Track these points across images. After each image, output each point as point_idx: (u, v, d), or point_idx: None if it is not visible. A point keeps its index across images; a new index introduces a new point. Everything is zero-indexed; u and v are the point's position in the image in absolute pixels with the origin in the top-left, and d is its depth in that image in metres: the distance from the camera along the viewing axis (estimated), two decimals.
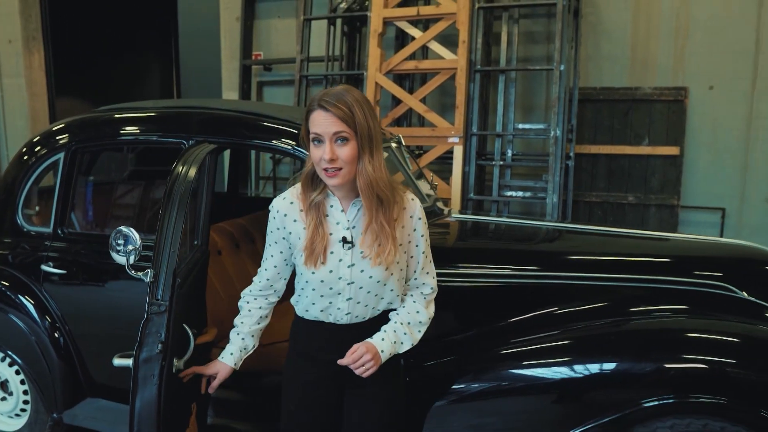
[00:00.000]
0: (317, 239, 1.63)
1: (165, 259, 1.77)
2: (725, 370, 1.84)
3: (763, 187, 4.84)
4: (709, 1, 4.79)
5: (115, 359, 1.86)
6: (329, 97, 1.56)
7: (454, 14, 4.50)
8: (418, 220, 1.75)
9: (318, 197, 1.65)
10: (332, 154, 1.55)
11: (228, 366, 1.86)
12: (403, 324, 1.76)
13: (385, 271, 1.66)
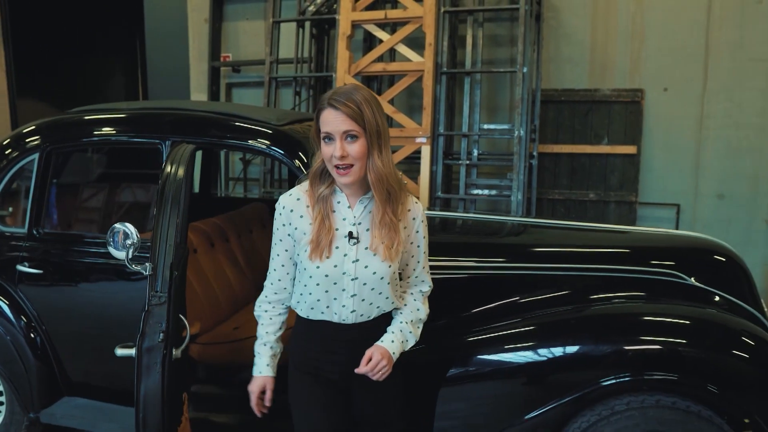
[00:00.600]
0: (323, 232, 1.66)
1: (162, 254, 1.87)
2: (677, 350, 1.99)
3: (714, 184, 5.10)
4: (662, 6, 5.03)
5: (118, 349, 1.94)
6: (339, 96, 1.60)
7: (420, 18, 4.62)
8: (421, 222, 1.81)
9: (325, 191, 1.68)
10: (343, 151, 1.59)
11: (270, 376, 1.84)
12: (407, 323, 1.81)
13: (388, 268, 1.70)
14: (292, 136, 2.42)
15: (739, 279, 2.44)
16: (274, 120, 2.48)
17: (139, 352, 1.85)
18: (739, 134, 5.01)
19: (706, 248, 2.53)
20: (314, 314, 1.76)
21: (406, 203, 1.74)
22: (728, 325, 2.11)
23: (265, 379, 1.83)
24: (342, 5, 4.74)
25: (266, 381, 1.83)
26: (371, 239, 1.69)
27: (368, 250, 1.69)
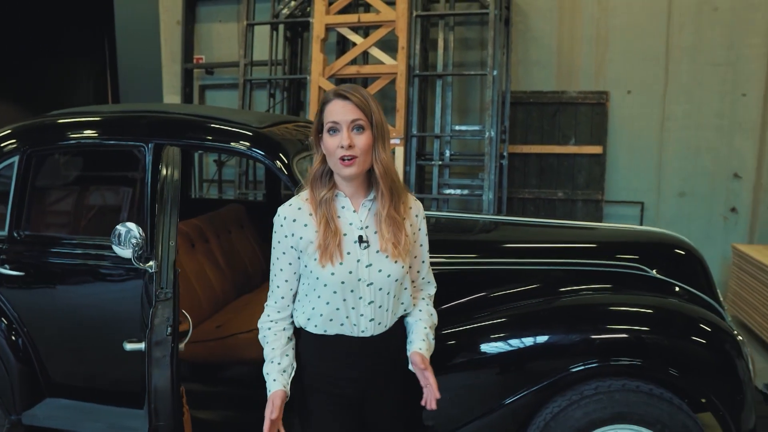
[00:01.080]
0: (329, 235, 1.62)
1: (165, 252, 1.93)
2: (641, 337, 2.12)
3: (675, 183, 5.33)
4: (625, 12, 5.23)
5: (127, 344, 1.99)
6: (346, 88, 1.60)
7: (393, 21, 4.73)
8: (423, 219, 1.80)
9: (327, 194, 1.65)
10: (350, 141, 1.56)
11: (280, 391, 1.66)
12: (431, 329, 1.80)
13: (401, 269, 1.67)
14: (272, 138, 2.49)
15: (697, 271, 2.59)
16: (255, 122, 2.54)
17: (149, 346, 1.91)
18: (698, 135, 5.24)
19: (668, 243, 2.68)
20: (332, 328, 1.68)
21: (407, 201, 1.73)
22: (688, 313, 2.26)
23: (274, 396, 1.65)
24: (316, 9, 4.81)
25: (274, 397, 1.65)
26: (380, 240, 1.65)
27: (379, 253, 1.65)
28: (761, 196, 5.20)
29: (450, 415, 2.24)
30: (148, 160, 2.42)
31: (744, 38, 5.04)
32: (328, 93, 1.63)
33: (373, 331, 1.68)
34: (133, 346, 1.96)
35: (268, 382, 1.69)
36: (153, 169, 2.41)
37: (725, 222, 5.27)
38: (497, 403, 2.20)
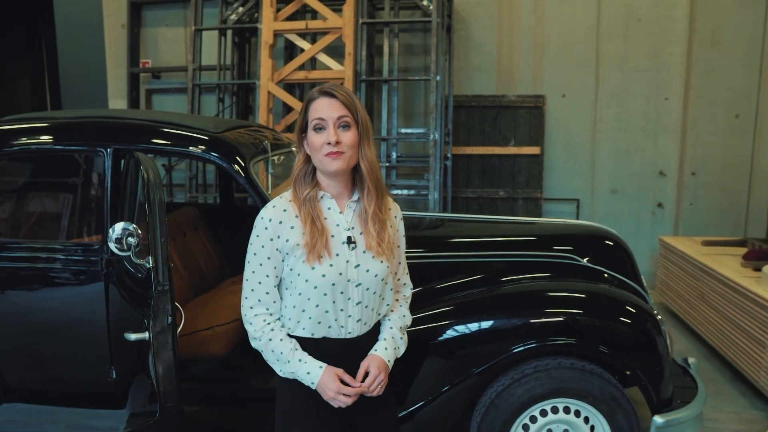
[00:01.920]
0: (316, 234, 1.59)
1: (159, 249, 2.03)
2: (575, 319, 2.35)
3: (607, 181, 5.69)
4: (559, 21, 5.56)
5: (131, 335, 2.09)
6: (330, 86, 1.60)
7: (340, 28, 4.87)
8: (401, 221, 1.80)
9: (311, 192, 1.63)
10: (337, 137, 1.55)
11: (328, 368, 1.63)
12: (397, 329, 1.76)
13: (386, 268, 1.66)
14: (229, 143, 2.59)
15: (623, 260, 2.86)
16: (212, 127, 2.64)
17: (153, 335, 2.02)
18: (627, 136, 5.62)
19: (597, 235, 2.94)
20: (319, 330, 1.65)
21: (387, 202, 1.73)
22: (616, 297, 2.50)
23: (331, 369, 1.62)
24: (264, 15, 4.91)
25: (333, 369, 1.62)
26: (366, 240, 1.64)
27: (366, 252, 1.64)
28: (684, 192, 5.63)
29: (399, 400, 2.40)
30: (107, 165, 2.49)
31: (665, 47, 5.45)
32: (313, 92, 1.62)
33: (359, 332, 1.67)
34: (138, 336, 2.06)
35: (312, 363, 1.62)
36: (113, 174, 2.49)
37: (653, 216, 5.67)
38: (447, 386, 2.38)
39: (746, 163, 5.48)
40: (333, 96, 1.58)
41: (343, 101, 1.58)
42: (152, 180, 2.12)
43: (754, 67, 5.38)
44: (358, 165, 1.63)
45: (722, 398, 3.43)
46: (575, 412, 2.37)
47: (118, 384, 2.55)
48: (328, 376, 1.60)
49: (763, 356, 3.26)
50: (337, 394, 1.59)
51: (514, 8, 5.61)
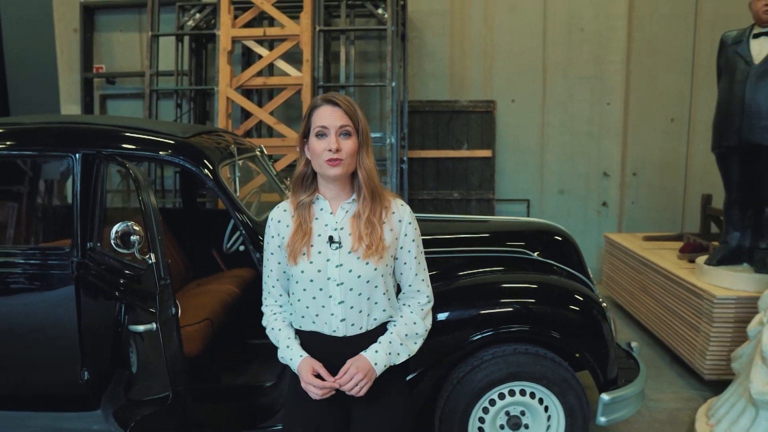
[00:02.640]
0: (298, 236, 1.69)
1: (158, 246, 2.13)
2: (528, 307, 2.53)
3: (555, 182, 5.98)
4: (508, 30, 5.83)
5: (139, 326, 2.17)
6: (334, 95, 1.68)
7: (297, 35, 4.98)
8: (408, 224, 1.77)
9: (306, 199, 1.72)
10: (338, 145, 1.62)
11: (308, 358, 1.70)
12: (398, 335, 1.74)
13: (374, 270, 1.68)
14: (197, 147, 2.67)
15: (571, 253, 3.08)
16: (180, 132, 2.72)
17: (160, 325, 2.13)
18: (573, 140, 5.93)
19: (547, 230, 3.15)
20: (305, 324, 1.73)
21: (390, 206, 1.74)
22: (565, 287, 2.71)
23: (309, 360, 1.68)
24: (222, 22, 4.97)
25: (310, 361, 1.68)
26: (353, 242, 1.68)
27: (351, 254, 1.67)
28: (626, 191, 5.97)
29: None
30: (77, 170, 2.54)
31: (606, 55, 5.79)
32: (317, 99, 1.69)
33: (345, 332, 1.69)
34: (146, 327, 2.15)
35: (295, 351, 1.70)
36: (82, 179, 2.54)
37: (598, 215, 5.99)
38: (410, 375, 2.52)
39: (681, 164, 5.87)
40: (336, 105, 1.65)
41: (345, 110, 1.65)
42: (142, 182, 2.21)
43: (686, 74, 5.78)
44: (356, 172, 1.69)
45: (663, 380, 3.70)
46: (530, 394, 2.56)
47: (91, 385, 2.59)
48: (303, 366, 1.67)
49: (698, 340, 3.54)
50: (307, 385, 1.66)
51: (465, 18, 5.84)
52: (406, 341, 1.75)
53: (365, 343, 1.71)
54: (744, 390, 2.76)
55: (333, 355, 1.69)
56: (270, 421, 2.61)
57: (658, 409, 3.35)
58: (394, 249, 1.75)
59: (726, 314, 3.36)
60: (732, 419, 2.78)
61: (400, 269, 1.79)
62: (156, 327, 2.11)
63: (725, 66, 3.65)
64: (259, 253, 2.63)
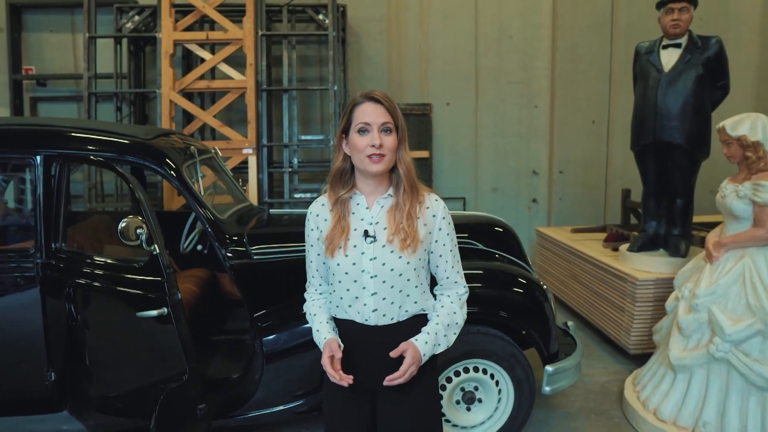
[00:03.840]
0: (337, 231, 1.74)
1: (158, 239, 2.30)
2: (476, 291, 2.75)
3: (489, 180, 6.33)
4: (442, 36, 6.12)
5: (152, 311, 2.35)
6: (376, 93, 1.72)
7: (241, 39, 5.06)
8: (443, 219, 1.80)
9: (345, 195, 1.77)
10: (380, 141, 1.67)
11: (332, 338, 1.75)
12: (443, 326, 1.78)
13: (407, 264, 1.72)
14: (161, 149, 2.75)
15: (512, 243, 3.36)
16: (142, 134, 2.79)
17: (172, 307, 2.34)
18: (504, 141, 6.30)
19: (490, 223, 3.42)
20: (340, 313, 1.80)
21: (424, 201, 1.79)
22: (509, 272, 2.98)
23: (331, 342, 1.73)
24: (164, 26, 4.97)
25: (332, 343, 1.72)
26: (387, 235, 1.73)
27: (385, 248, 1.72)
28: (553, 188, 6.41)
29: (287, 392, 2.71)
30: (39, 172, 2.56)
31: (533, 61, 6.19)
32: (358, 96, 1.74)
33: (377, 321, 1.74)
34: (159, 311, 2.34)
35: (320, 340, 1.77)
36: (44, 180, 2.57)
37: (529, 211, 6.39)
38: None
39: (602, 162, 6.37)
40: (378, 102, 1.70)
41: (387, 108, 1.71)
42: (135, 183, 2.34)
43: (605, 80, 6.28)
44: (395, 166, 1.75)
45: (594, 358, 4.07)
46: (483, 371, 2.81)
47: (58, 385, 2.61)
48: (324, 348, 1.73)
49: (623, 319, 3.92)
50: (323, 365, 1.70)
51: (401, 24, 6.09)
52: (448, 332, 1.80)
53: (396, 333, 1.74)
54: (664, 358, 3.12)
55: (366, 342, 1.76)
56: (240, 409, 2.73)
57: (591, 383, 3.69)
58: (427, 243, 1.78)
59: (647, 294, 3.76)
60: (655, 384, 3.13)
61: (437, 262, 1.82)
62: (167, 311, 2.24)
63: (640, 73, 4.05)
64: (224, 249, 2.75)
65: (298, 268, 2.84)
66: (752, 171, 2.90)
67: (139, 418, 2.47)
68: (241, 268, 2.76)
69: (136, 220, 2.29)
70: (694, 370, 2.92)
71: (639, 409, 3.13)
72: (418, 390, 1.79)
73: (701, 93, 3.75)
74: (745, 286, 2.82)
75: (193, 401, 2.41)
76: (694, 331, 2.95)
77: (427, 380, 1.82)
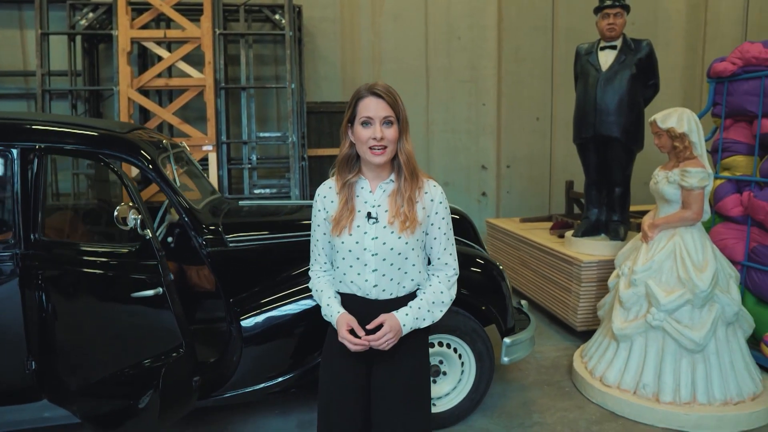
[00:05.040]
0: (345, 212, 1.88)
1: (149, 224, 2.45)
2: None
3: (441, 174, 6.60)
4: (394, 37, 6.35)
5: (148, 291, 2.49)
6: (379, 87, 1.83)
7: (198, 38, 5.13)
8: (439, 204, 1.94)
9: (353, 179, 1.91)
10: (382, 134, 1.80)
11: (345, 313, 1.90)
12: (427, 302, 1.91)
13: (405, 244, 1.85)
14: (136, 142, 2.85)
15: (468, 229, 3.63)
16: (118, 128, 2.88)
17: (166, 286, 2.50)
18: (455, 137, 6.59)
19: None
20: (344, 288, 1.93)
21: (423, 187, 1.93)
22: (469, 254, 3.22)
23: (345, 316, 1.88)
24: (120, 23, 4.99)
25: (346, 317, 1.87)
26: (389, 217, 1.86)
27: (386, 228, 1.85)
28: (502, 182, 6.74)
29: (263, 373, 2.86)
30: (17, 165, 2.62)
31: (480, 61, 6.51)
32: (362, 89, 1.86)
33: (377, 296, 1.88)
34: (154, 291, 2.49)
35: (334, 307, 1.92)
36: (22, 173, 2.63)
37: (479, 204, 6.71)
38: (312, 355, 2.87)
39: (546, 157, 6.75)
40: (380, 97, 1.82)
41: (389, 102, 1.83)
42: (125, 174, 2.52)
43: (547, 80, 6.66)
44: (396, 155, 1.89)
45: (544, 337, 4.38)
46: (447, 345, 3.04)
47: (38, 374, 2.67)
48: (340, 321, 1.88)
49: (570, 299, 4.25)
50: (342, 338, 1.85)
51: (354, 24, 6.28)
52: (433, 308, 1.93)
53: (394, 307, 1.89)
54: (608, 330, 3.44)
55: (366, 315, 1.88)
56: (219, 390, 2.86)
57: (542, 359, 3.99)
58: (425, 225, 1.92)
59: (591, 275, 4.09)
60: (600, 354, 3.45)
61: (431, 243, 1.95)
62: (162, 290, 2.37)
63: (580, 72, 4.39)
64: (201, 237, 2.87)
65: (271, 254, 3.06)
66: (680, 159, 3.24)
67: (124, 399, 2.57)
68: (218, 255, 2.89)
69: (130, 207, 2.42)
70: (634, 338, 3.25)
71: (587, 378, 3.44)
72: (408, 360, 1.93)
73: (635, 90, 4.12)
74: (676, 262, 3.17)
75: (189, 373, 2.56)
76: (634, 304, 3.27)
77: (416, 351, 1.96)
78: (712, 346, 3.10)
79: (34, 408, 2.75)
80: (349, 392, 1.94)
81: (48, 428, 2.84)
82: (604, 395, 3.28)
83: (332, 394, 1.97)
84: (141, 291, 2.48)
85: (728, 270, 3.23)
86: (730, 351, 3.14)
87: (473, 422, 3.14)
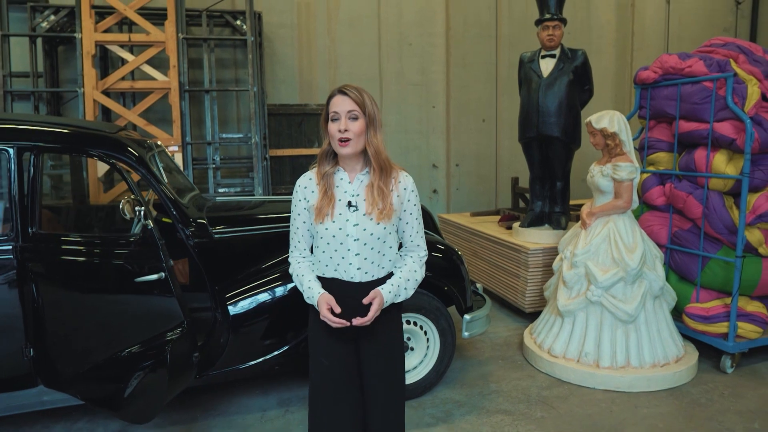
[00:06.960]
0: (325, 201, 2.02)
1: (150, 215, 2.65)
2: None
3: None
4: (348, 42, 6.66)
5: (153, 275, 2.72)
6: (347, 86, 2.00)
7: (163, 42, 5.29)
8: (411, 192, 2.10)
9: (330, 170, 2.06)
10: (346, 126, 1.95)
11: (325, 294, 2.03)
12: (404, 279, 2.09)
13: (383, 229, 2.02)
14: (124, 141, 3.05)
15: (428, 220, 3.98)
16: (108, 129, 3.08)
17: (168, 271, 2.69)
18: (407, 137, 6.96)
19: None
20: (328, 272, 2.06)
21: (397, 177, 2.08)
22: (431, 240, 3.54)
23: (324, 296, 2.01)
24: (84, 26, 5.10)
25: (326, 296, 2.01)
26: (367, 206, 2.01)
27: (365, 216, 2.01)
28: (451, 179, 7.16)
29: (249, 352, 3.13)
30: (14, 164, 2.79)
31: (430, 66, 6.91)
32: (334, 90, 2.04)
33: (360, 278, 2.04)
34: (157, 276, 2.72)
35: (314, 289, 2.05)
36: (18, 172, 2.80)
37: (430, 200, 7.10)
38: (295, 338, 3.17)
39: (492, 155, 7.22)
40: (345, 94, 1.98)
41: (353, 98, 1.97)
42: (125, 170, 2.76)
43: (492, 84, 7.13)
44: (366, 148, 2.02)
45: (496, 321, 4.80)
46: (413, 323, 3.38)
47: (35, 362, 2.83)
48: (321, 301, 2.02)
49: (519, 284, 4.68)
50: (324, 317, 1.99)
51: (311, 30, 6.57)
52: (408, 285, 2.10)
53: (373, 287, 2.03)
54: (553, 308, 3.87)
55: (348, 297, 2.03)
56: (209, 369, 3.10)
57: (496, 338, 4.40)
58: (400, 212, 2.08)
59: (537, 261, 4.53)
60: (547, 329, 3.88)
61: (404, 228, 2.12)
62: (165, 275, 2.58)
63: (524, 78, 4.83)
64: (188, 229, 3.11)
65: (252, 245, 3.33)
66: (612, 155, 3.71)
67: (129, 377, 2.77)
68: (204, 245, 3.13)
69: (133, 199, 2.67)
70: (576, 313, 3.69)
71: (536, 351, 3.86)
72: (389, 334, 2.15)
73: (573, 94, 4.59)
74: (611, 245, 3.63)
75: (190, 349, 2.79)
76: (575, 283, 3.72)
77: (395, 325, 2.18)
78: (642, 317, 3.57)
79: (30, 394, 2.91)
80: (341, 366, 2.10)
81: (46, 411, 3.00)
82: (551, 365, 3.71)
83: (324, 368, 2.12)
84: (145, 276, 2.71)
85: (654, 251, 3.72)
86: (657, 321, 3.63)
87: (438, 392, 3.50)
